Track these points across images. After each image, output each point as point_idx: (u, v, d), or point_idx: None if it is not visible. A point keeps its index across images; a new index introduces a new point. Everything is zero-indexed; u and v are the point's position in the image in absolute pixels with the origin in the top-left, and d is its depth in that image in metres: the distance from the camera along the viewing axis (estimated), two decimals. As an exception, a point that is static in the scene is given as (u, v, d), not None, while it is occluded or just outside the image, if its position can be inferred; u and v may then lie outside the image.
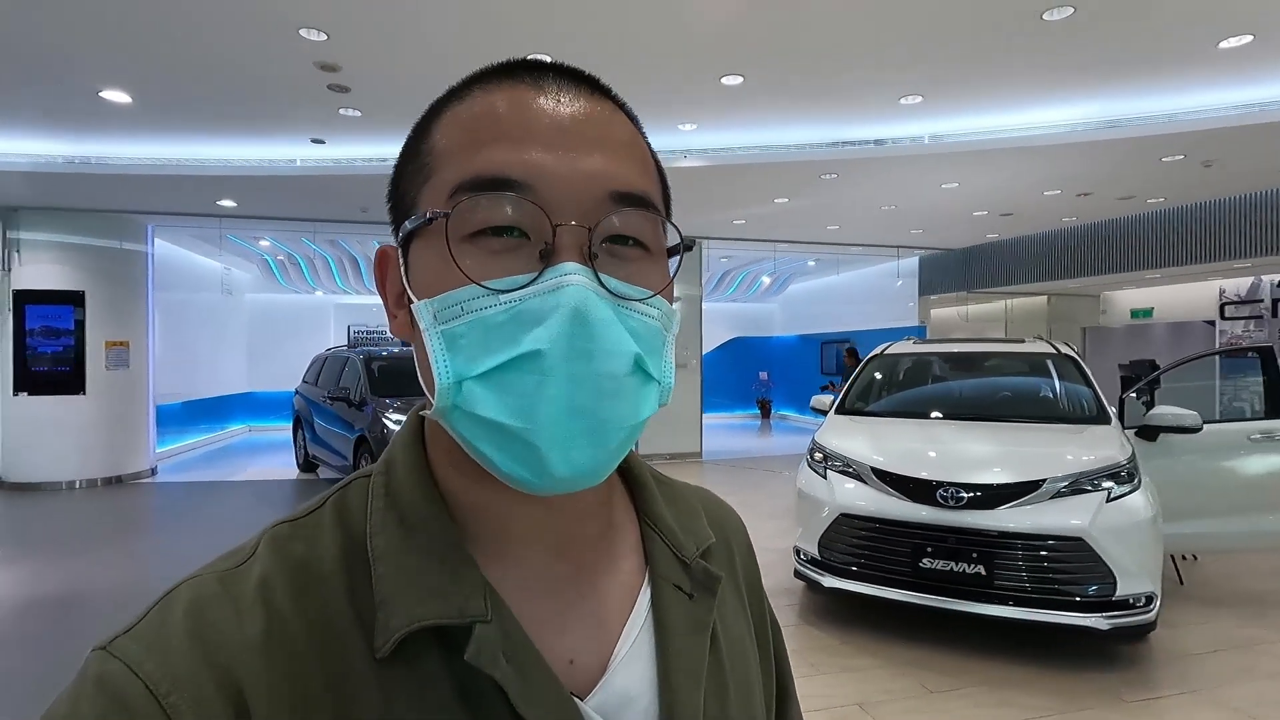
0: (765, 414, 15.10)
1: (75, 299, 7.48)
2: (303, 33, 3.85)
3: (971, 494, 3.26)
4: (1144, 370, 7.37)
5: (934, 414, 4.25)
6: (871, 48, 4.14)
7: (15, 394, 7.43)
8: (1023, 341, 4.81)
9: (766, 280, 13.83)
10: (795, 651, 3.39)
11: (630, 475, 0.53)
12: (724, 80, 4.60)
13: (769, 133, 5.66)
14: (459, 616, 0.38)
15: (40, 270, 7.44)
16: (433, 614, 0.38)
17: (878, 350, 5.03)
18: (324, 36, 3.90)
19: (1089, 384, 4.14)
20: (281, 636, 0.38)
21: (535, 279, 0.38)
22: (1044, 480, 3.23)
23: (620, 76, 4.52)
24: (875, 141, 5.73)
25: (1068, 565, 3.09)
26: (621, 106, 0.44)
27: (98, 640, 0.37)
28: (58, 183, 6.30)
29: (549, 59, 0.44)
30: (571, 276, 0.37)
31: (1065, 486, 3.22)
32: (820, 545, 3.62)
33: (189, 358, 9.86)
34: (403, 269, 0.42)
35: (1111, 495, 3.20)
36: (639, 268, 0.41)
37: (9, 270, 7.40)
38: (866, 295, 12.31)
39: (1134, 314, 10.60)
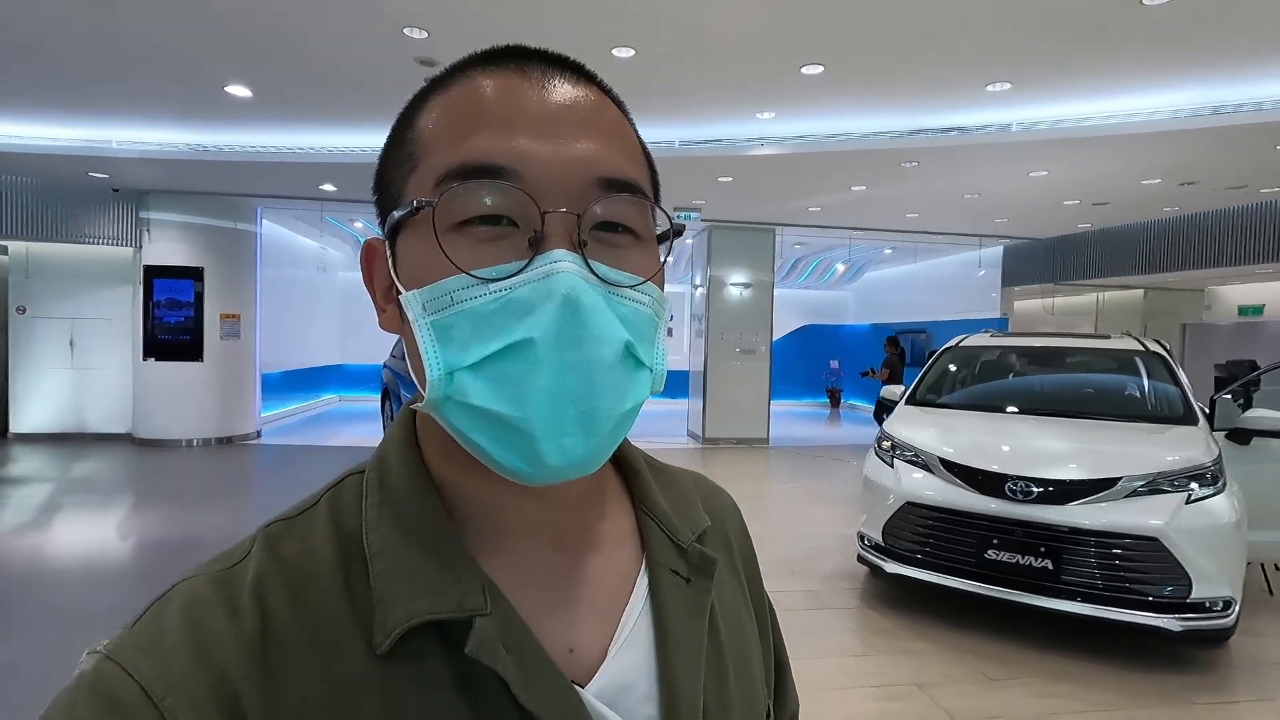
0: (835, 403, 14.92)
1: (195, 274, 8.23)
2: (406, 31, 4.14)
3: (1042, 488, 3.26)
4: (1241, 371, 6.93)
5: (1008, 408, 4.21)
6: (958, 35, 4.08)
7: (144, 359, 8.25)
8: (1108, 337, 4.67)
9: (841, 267, 13.60)
10: (854, 631, 3.50)
11: (624, 462, 0.53)
12: (804, 70, 4.63)
13: (848, 120, 5.63)
14: (458, 611, 0.38)
15: (166, 247, 8.22)
16: (431, 609, 0.38)
17: (952, 342, 4.98)
18: (425, 34, 4.17)
19: (1177, 383, 4.01)
20: (278, 636, 0.38)
21: (525, 267, 0.37)
22: (1120, 478, 3.20)
23: (699, 66, 4.62)
24: (959, 129, 5.60)
25: (1141, 565, 3.06)
26: (608, 93, 0.44)
27: (93, 644, 0.38)
28: (184, 168, 6.94)
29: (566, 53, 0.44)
30: (561, 264, 0.37)
31: (1143, 485, 3.17)
32: (884, 532, 3.69)
33: (288, 331, 10.63)
34: (390, 261, 0.42)
35: (1192, 497, 3.13)
36: (629, 254, 0.41)
37: (140, 247, 8.21)
38: (945, 285, 11.95)
39: (1242, 311, 9.89)
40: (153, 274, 8.18)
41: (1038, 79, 4.69)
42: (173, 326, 8.26)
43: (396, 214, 0.40)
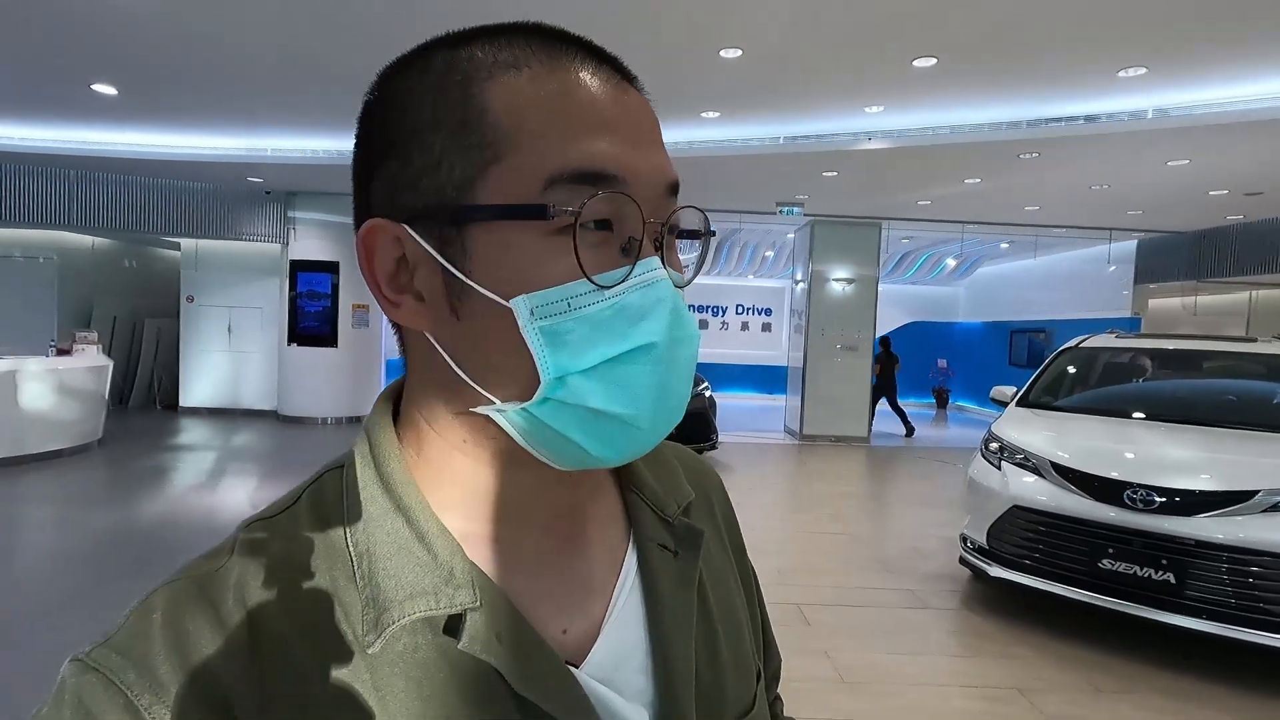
0: (941, 403, 14.30)
1: (332, 268, 9.08)
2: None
3: (1165, 498, 3.10)
4: None
5: (1133, 414, 3.99)
6: (1086, 19, 3.88)
7: (288, 345, 9.20)
8: (1255, 340, 4.30)
9: (951, 262, 13.00)
10: (951, 633, 3.47)
11: None
12: (915, 63, 4.54)
13: (961, 112, 5.45)
14: (448, 606, 0.38)
15: (309, 244, 9.12)
16: (422, 605, 0.38)
17: (1071, 343, 4.74)
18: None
19: (1334, 392, 3.66)
20: (266, 638, 0.37)
21: (629, 273, 0.38)
22: (1258, 491, 2.99)
23: (807, 64, 4.64)
24: (1086, 118, 5.29)
25: (1277, 584, 2.86)
26: (643, 93, 0.43)
27: (75, 651, 0.37)
28: (324, 172, 7.67)
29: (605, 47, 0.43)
30: (659, 271, 0.39)
31: (1283, 500, 2.95)
32: (989, 535, 3.62)
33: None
34: (434, 253, 0.39)
35: (1341, 515, 2.89)
36: (677, 255, 0.43)
37: (287, 244, 9.15)
38: (1068, 281, 11.17)
39: None
40: (297, 268, 9.10)
41: (1176, 61, 4.38)
42: (312, 315, 9.15)
43: (497, 209, 0.37)
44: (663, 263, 0.39)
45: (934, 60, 4.49)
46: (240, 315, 9.67)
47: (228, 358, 9.73)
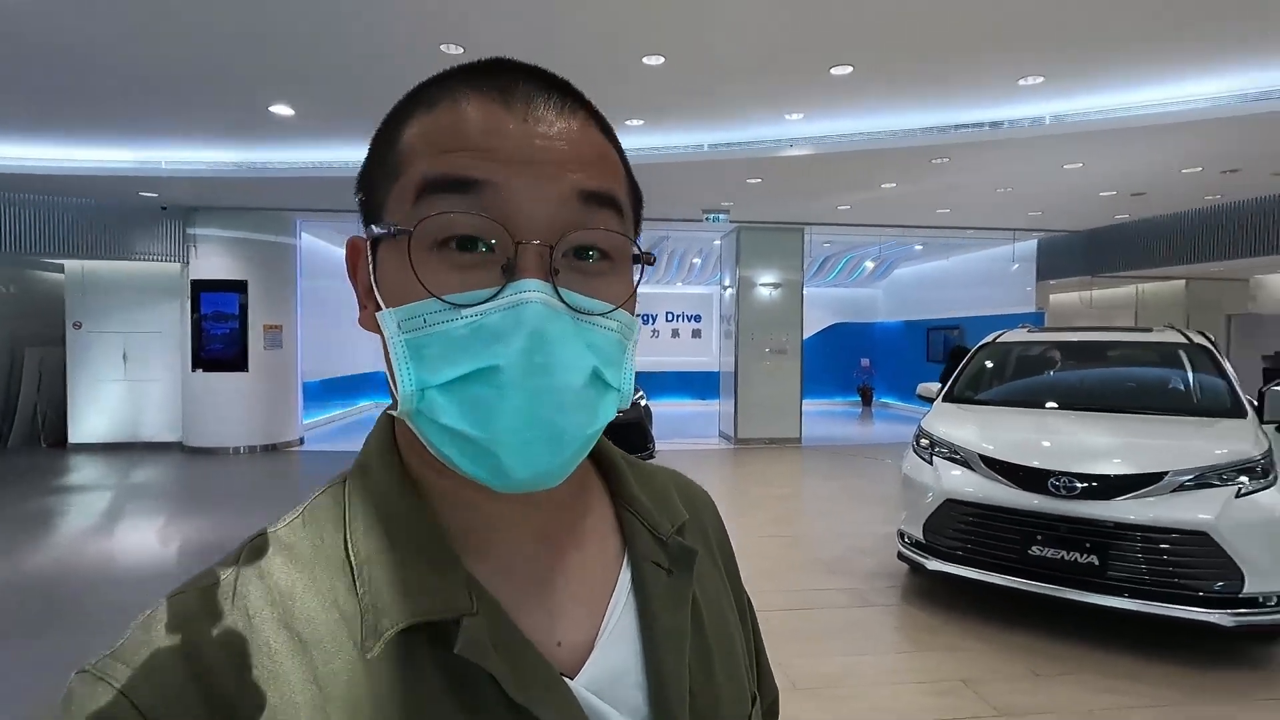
0: (866, 401, 14.81)
1: (240, 287, 8.52)
2: (443, 48, 4.27)
3: (1086, 484, 3.25)
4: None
5: (1050, 404, 4.19)
6: (989, 30, 4.07)
7: (193, 370, 8.56)
8: (1150, 330, 4.61)
9: (870, 265, 13.50)
10: (896, 629, 3.52)
11: (602, 459, 0.54)
12: (833, 71, 4.65)
13: (878, 119, 5.63)
14: (446, 612, 0.39)
15: (212, 262, 8.52)
16: (420, 611, 0.39)
17: (989, 338, 4.96)
18: (461, 50, 4.30)
19: (1223, 375, 3.95)
20: (268, 647, 0.38)
21: (496, 294, 0.38)
22: (1166, 472, 3.17)
23: (728, 71, 4.68)
24: (991, 124, 5.57)
25: (1190, 559, 3.04)
26: (593, 114, 0.44)
27: (82, 664, 0.37)
28: (228, 185, 7.19)
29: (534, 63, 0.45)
30: (530, 294, 0.38)
31: (1190, 480, 3.14)
32: (925, 529, 3.70)
33: (327, 340, 10.91)
34: (371, 268, 0.42)
35: (1242, 491, 3.10)
36: (602, 282, 0.42)
37: (188, 263, 8.53)
38: (978, 280, 11.80)
39: (1290, 300, 9.61)
40: (200, 288, 8.49)
41: (1071, 71, 4.65)
42: (219, 338, 8.55)
43: (376, 230, 0.41)
44: (554, 286, 0.39)
45: (850, 68, 4.61)
46: (137, 341, 8.94)
47: (124, 387, 8.97)
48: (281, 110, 5.36)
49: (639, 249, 0.44)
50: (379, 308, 0.42)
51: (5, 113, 5.42)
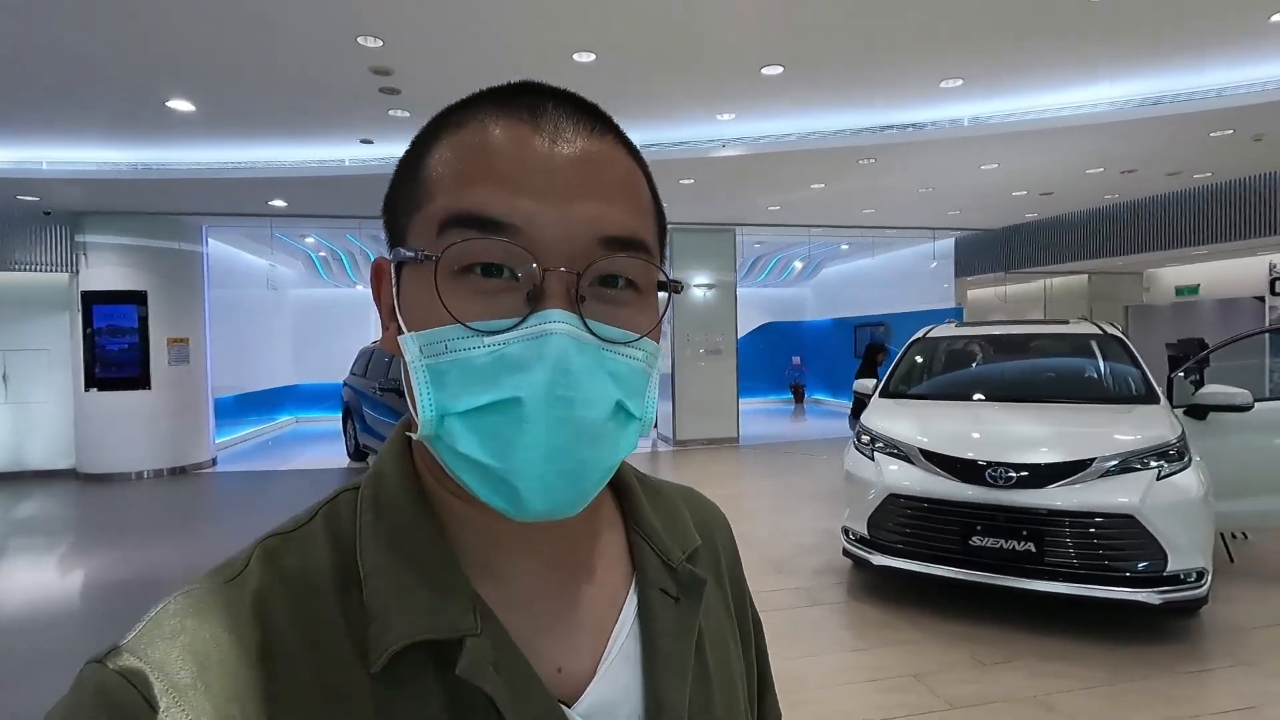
0: (799, 398, 15.13)
1: (139, 298, 7.85)
2: (360, 40, 4.02)
3: (1020, 473, 3.33)
4: (1192, 349, 7.27)
5: (978, 396, 4.31)
6: (912, 33, 4.17)
7: (86, 390, 7.83)
8: (1067, 323, 4.82)
9: (799, 265, 13.80)
10: (846, 627, 3.52)
11: (615, 480, 0.53)
12: (764, 70, 4.66)
13: (808, 120, 5.70)
14: (450, 631, 0.39)
15: (105, 272, 7.82)
16: (424, 629, 0.39)
17: (920, 333, 5.08)
18: (380, 43, 4.06)
19: (1136, 364, 4.16)
20: (278, 649, 0.38)
21: (520, 323, 0.38)
22: (1093, 459, 3.29)
23: (660, 70, 4.62)
24: (914, 125, 5.74)
25: (1118, 542, 3.16)
26: (620, 138, 0.44)
27: (93, 654, 0.37)
28: (122, 188, 6.61)
29: (557, 82, 0.44)
30: (555, 325, 0.38)
31: (1115, 465, 3.27)
32: (869, 525, 3.73)
33: (240, 352, 10.24)
34: (394, 291, 0.42)
35: (1162, 474, 3.25)
36: (628, 311, 0.41)
37: (77, 272, 7.80)
38: (901, 278, 12.23)
39: (1179, 291, 10.38)
40: (91, 300, 7.77)
41: (989, 74, 4.83)
42: (116, 354, 7.86)
43: (397, 255, 0.41)
44: (580, 316, 0.39)
45: (781, 68, 4.64)
46: (19, 359, 8.10)
47: (6, 410, 8.12)
48: (180, 105, 4.95)
49: (666, 276, 0.44)
50: (401, 330, 0.41)
51: None
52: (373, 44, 4.07)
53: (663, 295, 0.45)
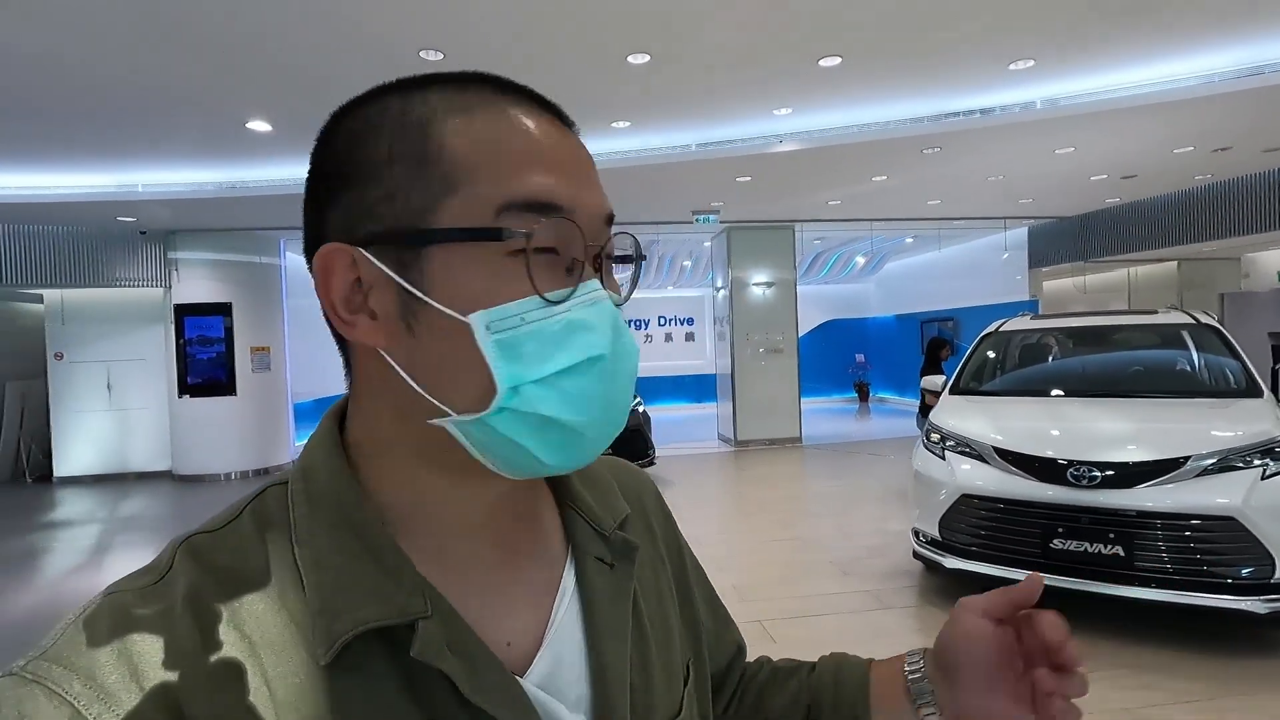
0: (863, 397, 14.74)
1: (224, 310, 8.35)
2: (422, 54, 4.15)
3: (1106, 473, 3.15)
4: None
5: (1056, 392, 4.10)
6: (977, 14, 4.00)
7: (179, 396, 8.37)
8: (1155, 312, 4.53)
9: (861, 260, 13.45)
10: (918, 631, 3.41)
11: None
12: (822, 62, 4.57)
13: (868, 110, 5.55)
14: (400, 616, 0.39)
15: (195, 286, 8.34)
16: (375, 616, 0.39)
17: (991, 327, 4.87)
18: (441, 55, 4.19)
19: (1236, 355, 3.87)
20: (216, 648, 0.37)
21: (573, 292, 0.42)
22: (1188, 457, 3.08)
23: (715, 68, 4.59)
24: (982, 111, 5.50)
25: (1218, 546, 2.94)
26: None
27: (7, 667, 0.36)
28: (208, 207, 7.04)
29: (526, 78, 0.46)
30: (600, 291, 0.43)
31: (1213, 463, 3.05)
32: (941, 526, 3.59)
33: (317, 359, 10.72)
34: (390, 272, 0.41)
35: (1267, 472, 3.01)
36: (614, 280, 0.47)
37: (170, 287, 8.35)
38: (971, 270, 11.75)
39: (1282, 276, 9.60)
40: (183, 312, 8.31)
41: (1061, 53, 4.59)
42: (205, 363, 8.37)
43: (455, 232, 0.40)
44: (602, 284, 0.43)
45: (839, 59, 4.53)
46: (121, 369, 8.74)
47: (109, 417, 8.76)
48: (259, 126, 5.23)
49: (640, 248, 0.49)
50: (373, 317, 0.42)
51: (-27, 140, 5.27)
52: (434, 57, 4.20)
53: (625, 275, 0.49)
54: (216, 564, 0.41)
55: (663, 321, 14.92)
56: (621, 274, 0.49)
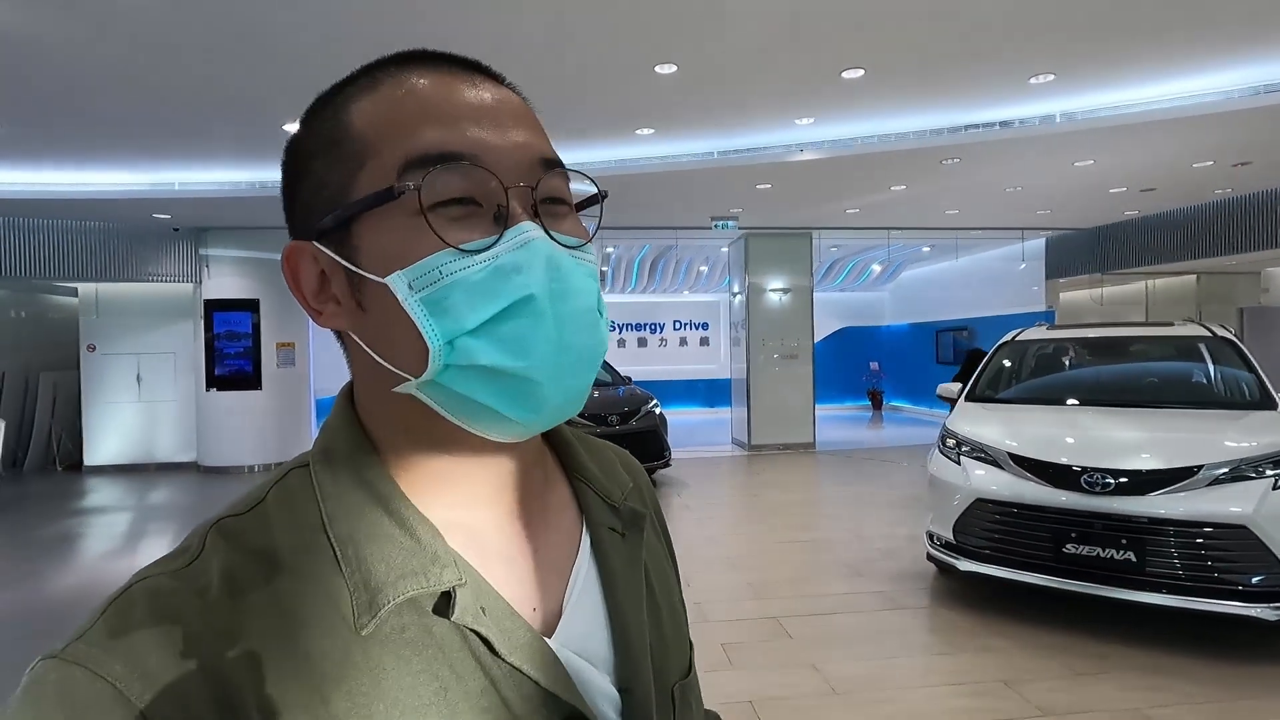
0: (876, 405, 14.75)
1: (252, 306, 8.55)
2: (457, 62, 4.29)
3: (1120, 479, 3.22)
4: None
5: (1071, 401, 4.16)
6: (1000, 29, 4.08)
7: (207, 390, 8.58)
8: (1171, 325, 4.58)
9: (877, 268, 13.49)
10: (930, 631, 3.48)
11: (553, 435, 0.57)
12: (844, 74, 4.67)
13: (889, 121, 5.64)
14: (438, 584, 0.41)
15: (224, 282, 8.56)
16: (413, 585, 0.40)
17: (1008, 337, 4.94)
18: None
19: (1250, 368, 3.92)
20: (256, 625, 0.38)
21: (498, 239, 0.41)
22: (1201, 466, 3.14)
23: (740, 79, 4.70)
24: (1002, 124, 5.58)
25: (1229, 554, 3.00)
26: (517, 90, 0.48)
27: (46, 650, 0.36)
28: (242, 205, 7.23)
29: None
30: (532, 232, 0.41)
31: (1225, 473, 3.11)
32: (955, 530, 3.67)
33: (338, 356, 10.88)
34: (337, 257, 0.43)
35: (1279, 483, 3.06)
36: (569, 223, 0.45)
37: (200, 283, 8.57)
38: (987, 280, 11.77)
39: (1303, 291, 9.56)
40: (212, 308, 8.52)
41: (1082, 68, 4.66)
42: (232, 357, 8.57)
43: (356, 205, 0.41)
44: (543, 228, 0.42)
45: (862, 71, 4.63)
46: (150, 362, 8.97)
47: (138, 409, 8.99)
48: (295, 129, 5.38)
49: (597, 186, 0.49)
50: (337, 303, 0.44)
51: (17, 137, 5.47)
52: (468, 65, 4.34)
53: (593, 221, 0.49)
54: (249, 545, 0.41)
55: (678, 326, 15.01)
56: (590, 221, 0.49)
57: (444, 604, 0.41)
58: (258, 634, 0.38)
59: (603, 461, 0.58)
